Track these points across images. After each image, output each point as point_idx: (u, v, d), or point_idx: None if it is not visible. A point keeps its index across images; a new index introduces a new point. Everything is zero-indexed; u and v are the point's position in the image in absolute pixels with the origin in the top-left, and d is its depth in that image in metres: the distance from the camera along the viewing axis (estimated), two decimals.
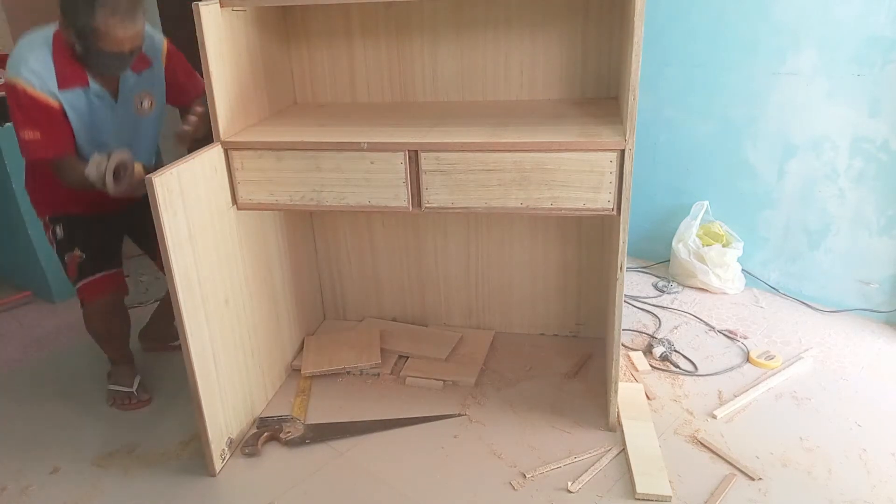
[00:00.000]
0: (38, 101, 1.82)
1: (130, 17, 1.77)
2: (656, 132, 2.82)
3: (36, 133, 1.84)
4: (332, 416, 2.10)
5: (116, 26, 1.75)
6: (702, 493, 1.73)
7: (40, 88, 1.82)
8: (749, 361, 2.27)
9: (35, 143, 1.84)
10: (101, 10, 1.73)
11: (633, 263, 3.00)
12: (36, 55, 1.83)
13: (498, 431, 2.00)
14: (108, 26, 1.74)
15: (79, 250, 2.08)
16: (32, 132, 1.84)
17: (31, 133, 1.84)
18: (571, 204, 1.75)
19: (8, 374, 2.46)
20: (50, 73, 1.83)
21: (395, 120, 2.02)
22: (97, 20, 1.73)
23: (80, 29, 1.76)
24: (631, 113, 1.63)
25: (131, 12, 1.77)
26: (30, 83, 1.81)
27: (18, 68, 1.81)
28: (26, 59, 1.82)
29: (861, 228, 2.46)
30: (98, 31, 1.75)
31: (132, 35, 1.80)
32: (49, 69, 1.83)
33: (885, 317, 2.47)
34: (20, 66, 1.81)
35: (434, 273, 2.49)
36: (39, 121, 1.83)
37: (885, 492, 1.71)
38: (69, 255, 2.08)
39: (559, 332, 2.49)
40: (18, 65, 1.81)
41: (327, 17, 2.21)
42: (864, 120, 2.34)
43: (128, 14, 1.76)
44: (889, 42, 2.22)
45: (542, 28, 2.10)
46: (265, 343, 2.16)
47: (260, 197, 1.91)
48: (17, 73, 1.81)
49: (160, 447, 2.01)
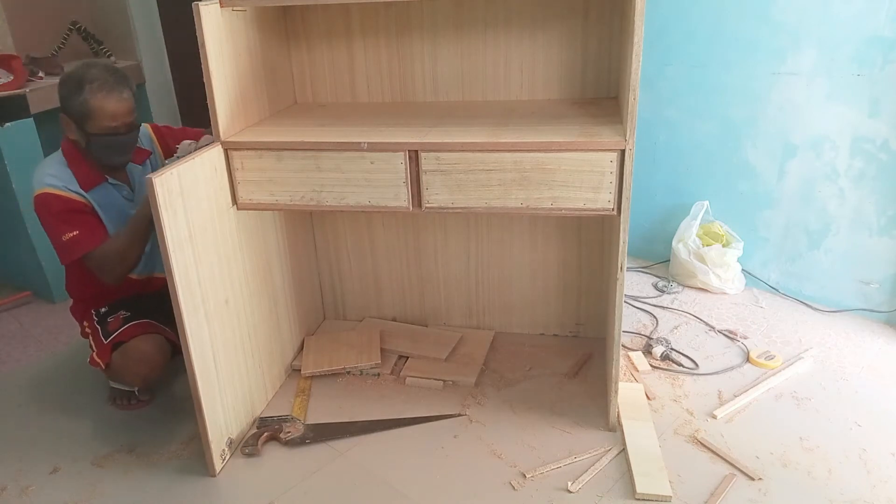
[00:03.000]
0: (70, 201, 1.92)
1: (118, 91, 1.90)
2: (656, 132, 2.82)
3: (74, 231, 1.89)
4: (332, 416, 2.10)
5: (106, 99, 1.88)
6: (702, 493, 1.73)
7: (67, 190, 1.92)
8: (749, 361, 2.27)
9: (74, 240, 1.89)
10: (89, 87, 1.86)
11: (633, 263, 3.00)
12: (54, 169, 1.95)
13: (498, 431, 2.00)
14: (98, 100, 1.87)
15: (122, 311, 2.09)
16: (70, 232, 1.89)
17: (69, 233, 1.89)
18: (571, 204, 1.75)
19: (8, 374, 2.46)
20: (72, 180, 1.95)
21: (395, 120, 2.02)
22: (87, 97, 1.86)
23: (76, 112, 1.89)
24: (631, 113, 1.62)
25: (119, 86, 1.90)
26: (55, 187, 1.91)
27: (42, 180, 1.93)
28: (46, 172, 1.94)
29: (861, 228, 2.46)
30: (91, 109, 1.87)
31: (124, 110, 1.92)
32: (70, 176, 1.95)
33: (885, 317, 2.47)
34: (43, 178, 1.93)
35: (434, 273, 2.49)
36: (74, 220, 1.91)
37: (885, 492, 1.71)
38: (112, 318, 2.07)
39: (559, 332, 2.49)
40: (41, 178, 1.94)
41: (327, 17, 2.21)
42: (864, 120, 2.34)
43: (115, 87, 1.89)
44: (889, 42, 2.22)
45: (542, 28, 2.10)
46: (265, 343, 2.16)
47: (260, 197, 1.92)
48: (42, 184, 1.92)
49: (160, 447, 2.01)
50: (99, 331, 2.08)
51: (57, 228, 1.90)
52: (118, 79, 1.91)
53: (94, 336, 2.09)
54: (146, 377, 2.06)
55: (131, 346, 2.02)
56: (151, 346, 2.04)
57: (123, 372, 2.06)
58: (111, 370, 2.07)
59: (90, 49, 3.47)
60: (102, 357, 2.03)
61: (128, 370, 2.05)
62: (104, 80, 1.88)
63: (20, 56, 2.90)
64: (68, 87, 1.88)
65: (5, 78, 2.72)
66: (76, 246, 1.89)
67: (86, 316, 2.16)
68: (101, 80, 1.87)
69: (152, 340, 2.05)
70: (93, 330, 2.11)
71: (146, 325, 2.07)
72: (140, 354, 2.02)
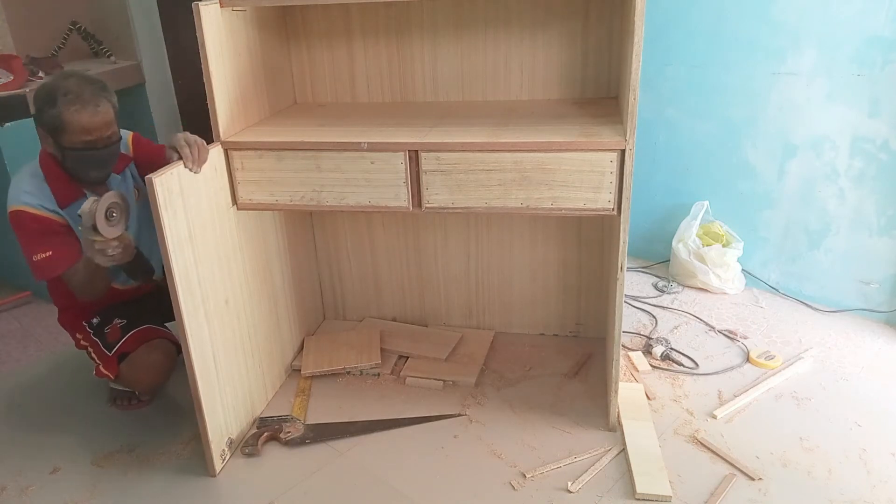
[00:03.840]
0: (44, 221, 1.86)
1: (93, 104, 1.79)
2: (656, 132, 2.82)
3: (47, 251, 1.84)
4: (332, 416, 2.10)
5: (80, 113, 1.77)
6: (702, 493, 1.73)
7: (42, 209, 1.85)
8: (749, 361, 2.27)
9: (46, 261, 1.84)
10: (62, 100, 1.76)
11: (633, 263, 3.00)
12: (29, 183, 1.87)
13: (498, 431, 2.00)
14: (71, 114, 1.77)
15: (118, 319, 2.05)
16: (43, 252, 1.84)
17: (41, 254, 1.84)
18: (572, 204, 1.75)
19: (8, 374, 2.46)
20: (48, 196, 1.88)
21: (395, 120, 2.02)
22: (60, 110, 1.76)
23: (50, 125, 1.80)
24: (631, 113, 1.62)
25: (94, 98, 1.80)
26: (30, 206, 1.85)
27: (18, 197, 1.86)
28: (22, 188, 1.87)
29: (861, 228, 2.46)
30: (64, 122, 1.77)
31: (99, 123, 1.81)
32: (46, 192, 1.88)
33: (885, 317, 2.47)
34: (19, 195, 1.86)
35: (434, 273, 2.49)
36: (47, 241, 1.85)
37: (885, 492, 1.71)
38: (109, 328, 2.04)
39: (559, 332, 2.49)
40: (17, 195, 1.86)
41: (327, 17, 2.21)
42: (864, 120, 2.34)
43: (90, 100, 1.79)
44: (889, 42, 2.22)
45: (542, 28, 2.10)
46: (265, 343, 2.16)
47: (260, 197, 1.91)
48: (16, 201, 1.85)
49: (160, 447, 2.01)
50: (98, 343, 2.05)
51: (29, 248, 1.84)
52: (94, 90, 1.80)
53: (95, 349, 2.06)
54: (157, 385, 2.06)
55: (139, 356, 2.00)
56: (159, 354, 2.02)
57: (133, 382, 2.06)
58: (120, 381, 2.06)
59: (90, 49, 3.48)
60: (110, 370, 2.02)
61: (138, 380, 2.04)
62: (78, 92, 1.77)
63: (20, 56, 2.90)
64: (42, 100, 1.79)
65: (5, 78, 2.72)
66: (48, 266, 1.85)
67: (77, 327, 2.11)
68: (75, 93, 1.77)
69: (158, 348, 2.03)
70: (91, 343, 2.07)
71: (148, 332, 2.04)
72: (149, 364, 2.01)
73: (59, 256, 1.85)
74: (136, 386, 2.09)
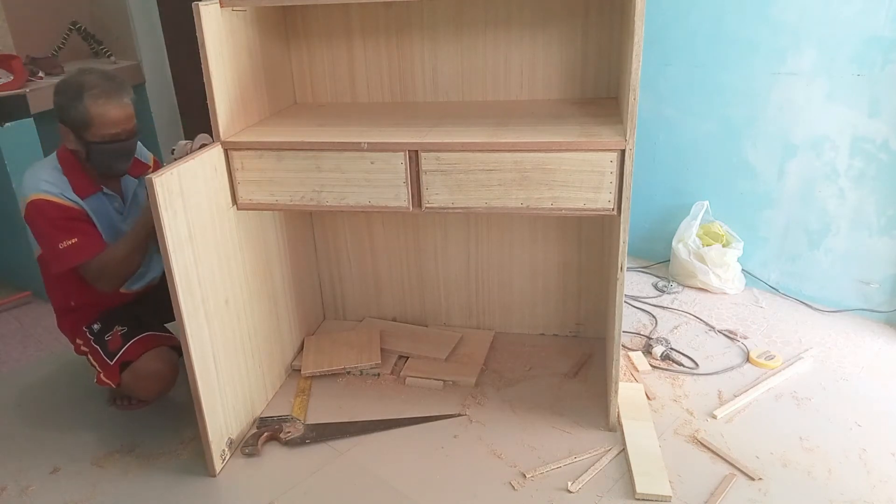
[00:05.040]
0: (67, 209, 1.87)
1: (118, 97, 1.85)
2: (656, 132, 2.82)
3: (73, 239, 1.84)
4: (332, 416, 2.10)
5: (107, 106, 1.83)
6: (702, 493, 1.73)
7: (63, 197, 1.86)
8: (749, 361, 2.27)
9: (73, 248, 1.84)
10: (88, 95, 1.81)
11: (633, 263, 3.00)
12: (48, 174, 1.89)
13: (498, 431, 2.00)
14: (99, 107, 1.82)
15: (119, 326, 2.04)
16: (68, 239, 1.84)
17: (66, 241, 1.83)
18: (572, 204, 1.75)
19: (8, 374, 2.46)
20: (67, 186, 1.89)
21: (395, 120, 2.02)
22: (88, 105, 1.81)
23: (76, 121, 1.83)
24: (631, 113, 1.62)
25: (118, 92, 1.86)
26: (51, 194, 1.86)
27: (37, 186, 1.86)
28: (41, 178, 1.88)
29: (861, 228, 2.46)
30: (91, 117, 1.82)
31: (124, 116, 1.87)
32: (65, 183, 1.89)
33: (885, 317, 2.47)
34: (38, 184, 1.86)
35: (434, 273, 2.49)
36: (72, 227, 1.85)
37: (885, 492, 1.71)
38: (110, 336, 2.02)
39: (559, 332, 2.49)
40: (35, 184, 1.87)
41: (327, 17, 2.21)
42: (864, 120, 2.34)
43: (115, 94, 1.85)
44: (889, 42, 2.22)
45: (542, 28, 2.10)
46: (265, 343, 2.16)
47: (260, 197, 1.91)
48: (36, 190, 1.85)
49: (160, 447, 2.01)
50: (99, 351, 2.02)
51: (53, 236, 1.83)
52: (117, 85, 1.86)
53: (96, 356, 2.04)
54: (160, 392, 2.05)
55: (141, 365, 1.99)
56: (161, 362, 2.01)
57: (136, 390, 2.04)
58: (122, 389, 2.05)
59: (90, 49, 3.48)
60: (112, 378, 1.99)
61: (140, 389, 2.03)
62: (103, 86, 1.83)
63: (20, 56, 2.90)
64: (67, 96, 1.82)
65: (5, 78, 2.72)
66: (74, 254, 1.84)
67: (77, 333, 2.10)
68: (101, 87, 1.82)
69: (160, 356, 2.01)
70: (91, 350, 2.05)
71: (149, 340, 2.03)
72: (152, 372, 1.99)
73: (84, 244, 1.86)
74: (139, 395, 2.07)
